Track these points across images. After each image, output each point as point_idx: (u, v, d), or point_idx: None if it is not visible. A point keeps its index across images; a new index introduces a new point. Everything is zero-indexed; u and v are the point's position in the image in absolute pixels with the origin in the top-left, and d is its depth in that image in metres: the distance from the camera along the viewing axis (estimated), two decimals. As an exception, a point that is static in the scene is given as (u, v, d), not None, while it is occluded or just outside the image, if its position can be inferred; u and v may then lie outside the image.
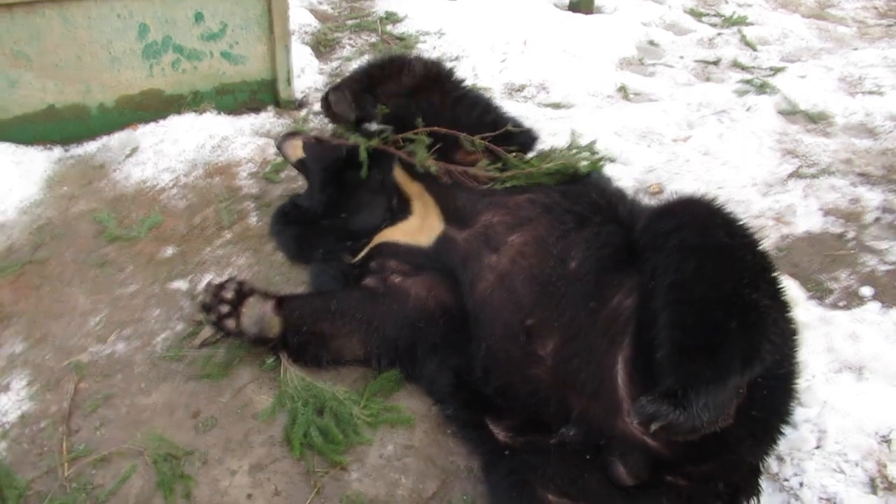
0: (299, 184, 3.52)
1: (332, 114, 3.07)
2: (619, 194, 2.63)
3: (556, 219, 2.42)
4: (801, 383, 2.22)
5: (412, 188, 2.81)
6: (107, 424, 2.40)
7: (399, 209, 2.82)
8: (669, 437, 1.89)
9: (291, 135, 3.27)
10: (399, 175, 2.87)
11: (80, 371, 2.57)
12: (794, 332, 2.11)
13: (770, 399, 2.04)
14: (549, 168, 2.57)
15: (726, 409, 1.89)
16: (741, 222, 2.18)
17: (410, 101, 2.87)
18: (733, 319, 1.91)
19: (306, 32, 5.18)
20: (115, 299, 2.88)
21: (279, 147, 3.27)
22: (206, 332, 2.70)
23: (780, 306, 2.06)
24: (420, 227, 2.70)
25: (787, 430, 2.13)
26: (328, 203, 3.02)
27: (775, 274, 2.11)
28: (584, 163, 2.65)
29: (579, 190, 2.54)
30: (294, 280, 3.03)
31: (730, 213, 2.20)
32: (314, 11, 5.58)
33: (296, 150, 3.17)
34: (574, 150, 2.65)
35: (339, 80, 3.44)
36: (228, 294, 2.46)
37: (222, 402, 2.50)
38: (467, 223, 2.56)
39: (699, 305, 1.95)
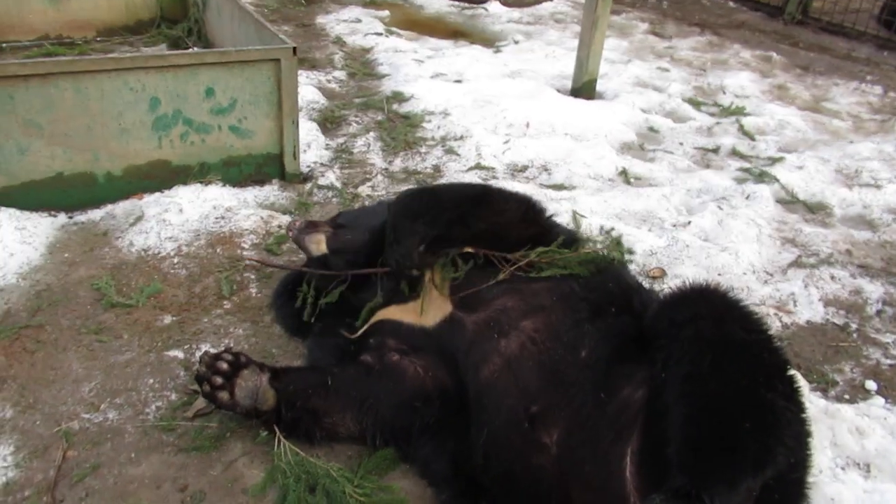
0: (301, 256, 3.52)
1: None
2: (636, 285, 2.61)
3: (572, 307, 2.40)
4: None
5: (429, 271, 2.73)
6: (92, 495, 2.32)
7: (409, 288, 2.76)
8: None
9: (312, 226, 3.02)
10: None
11: (69, 439, 2.50)
12: (808, 435, 2.05)
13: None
14: (581, 258, 2.56)
15: None
16: (757, 316, 2.16)
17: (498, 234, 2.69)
18: (748, 419, 1.87)
19: (314, 109, 5.30)
20: (109, 367, 2.84)
21: (297, 242, 3.03)
22: (200, 402, 2.65)
23: (796, 407, 2.01)
24: (427, 307, 2.65)
25: None
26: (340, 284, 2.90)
27: (791, 373, 2.06)
28: (614, 253, 2.66)
29: (598, 279, 2.52)
30: (291, 353, 2.99)
31: (746, 306, 2.17)
32: (322, 89, 5.72)
33: (319, 245, 2.96)
34: (606, 244, 2.65)
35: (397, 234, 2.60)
36: (223, 365, 2.41)
37: (212, 475, 2.43)
38: (479, 307, 2.52)
39: (714, 402, 1.91)
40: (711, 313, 2.08)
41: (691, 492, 1.77)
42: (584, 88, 5.89)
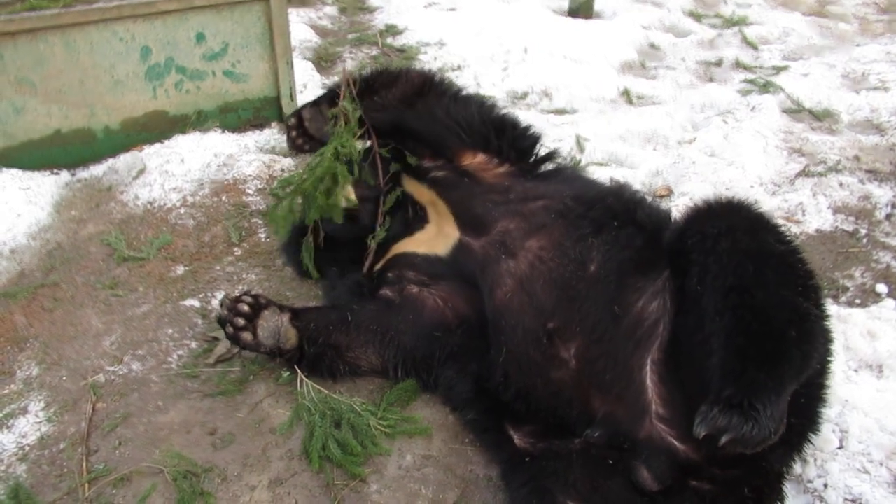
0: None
1: (303, 132, 3.05)
2: (637, 199, 2.59)
3: (572, 224, 2.41)
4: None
5: (424, 195, 2.79)
6: (125, 444, 2.39)
7: (415, 219, 2.80)
8: (737, 449, 1.83)
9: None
10: (409, 184, 2.86)
11: (96, 391, 2.56)
12: (831, 341, 2.10)
13: (807, 407, 2.03)
14: None
15: (783, 418, 1.86)
16: (783, 227, 2.16)
17: (405, 107, 2.86)
18: (793, 328, 1.89)
19: (307, 48, 5.21)
20: (127, 320, 2.88)
21: None
22: (221, 348, 2.70)
23: (823, 315, 2.04)
24: (437, 236, 2.69)
25: (814, 437, 2.11)
26: (357, 228, 2.93)
27: (817, 282, 2.08)
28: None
29: (594, 196, 2.52)
30: (305, 295, 3.03)
31: (773, 218, 2.17)
32: (314, 27, 5.61)
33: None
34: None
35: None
36: (244, 307, 2.45)
37: (239, 417, 2.49)
38: (483, 231, 2.55)
39: (762, 313, 1.91)
40: (745, 226, 2.07)
41: (743, 401, 1.80)
42: (581, 8, 5.76)
